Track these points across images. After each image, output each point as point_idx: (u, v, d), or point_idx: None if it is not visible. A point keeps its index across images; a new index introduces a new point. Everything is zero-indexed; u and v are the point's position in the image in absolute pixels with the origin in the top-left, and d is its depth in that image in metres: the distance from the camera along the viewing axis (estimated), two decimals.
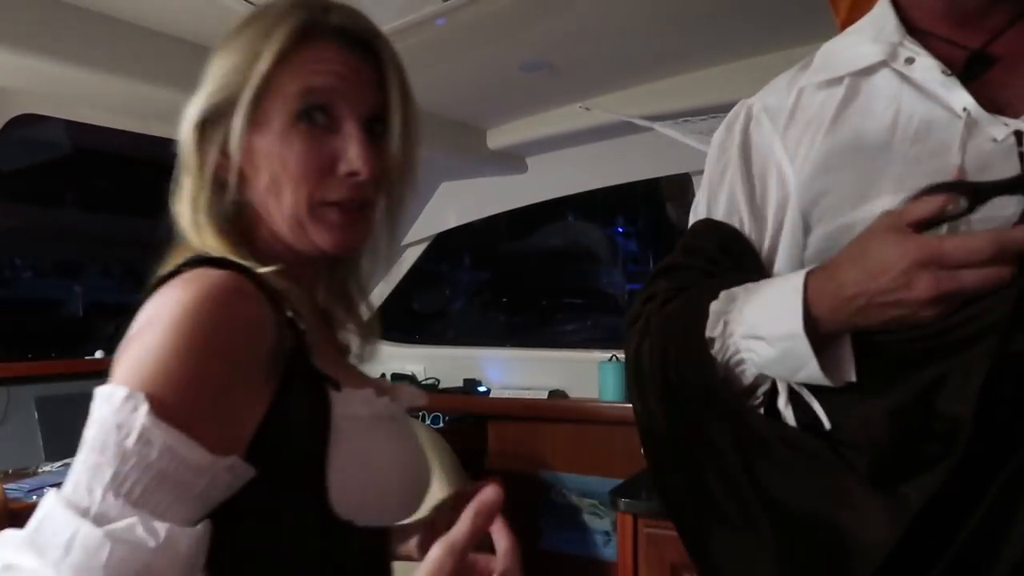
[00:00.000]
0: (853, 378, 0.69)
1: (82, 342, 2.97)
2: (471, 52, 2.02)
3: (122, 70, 1.78)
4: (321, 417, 0.66)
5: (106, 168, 4.37)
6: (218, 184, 0.74)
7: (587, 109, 2.32)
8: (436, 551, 0.53)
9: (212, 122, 0.74)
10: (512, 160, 2.79)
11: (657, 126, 2.13)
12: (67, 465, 2.39)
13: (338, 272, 0.83)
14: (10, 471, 2.24)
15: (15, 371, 2.43)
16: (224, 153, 0.73)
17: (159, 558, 0.55)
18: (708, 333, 0.75)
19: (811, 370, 0.68)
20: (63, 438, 2.42)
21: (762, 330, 0.71)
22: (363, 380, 0.80)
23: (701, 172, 2.91)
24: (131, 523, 0.55)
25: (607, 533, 2.81)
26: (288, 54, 0.70)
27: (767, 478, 0.71)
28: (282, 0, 0.72)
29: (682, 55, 2.12)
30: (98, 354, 2.71)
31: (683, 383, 0.77)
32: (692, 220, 0.93)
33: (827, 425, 0.72)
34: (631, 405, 0.86)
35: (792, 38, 2.00)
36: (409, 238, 3.20)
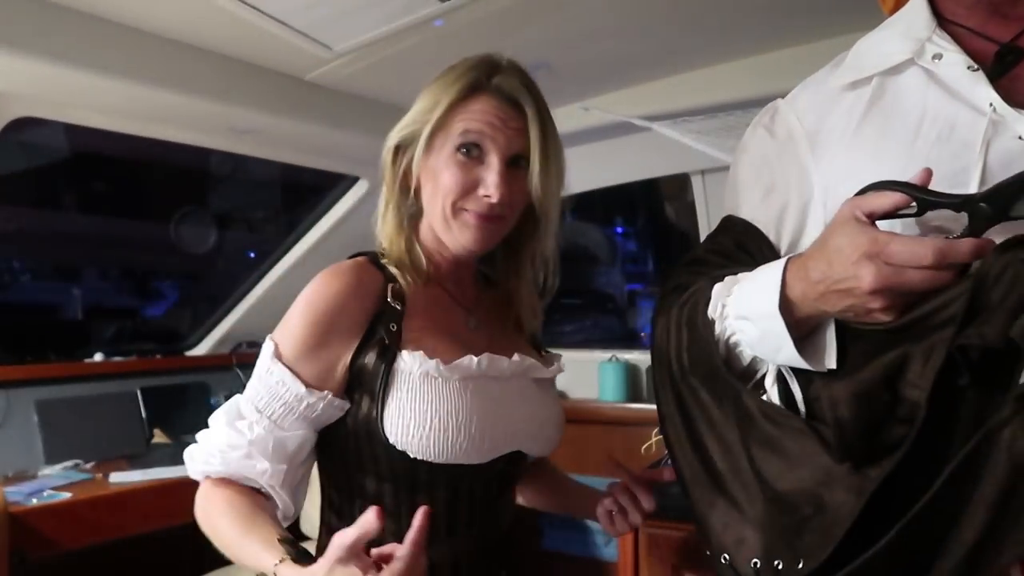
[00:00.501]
0: (833, 365, 0.70)
1: (81, 345, 2.97)
2: (469, 53, 2.01)
3: (120, 73, 1.78)
4: (384, 369, 0.92)
5: (105, 171, 4.37)
6: (404, 192, 1.02)
7: (586, 109, 2.32)
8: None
9: (403, 147, 1.00)
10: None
11: (655, 126, 2.13)
12: (67, 468, 2.41)
13: (511, 273, 1.08)
14: (10, 474, 2.24)
15: (14, 374, 2.43)
16: (408, 170, 1.00)
17: (253, 447, 0.91)
18: (710, 314, 0.78)
19: (789, 352, 0.71)
20: (63, 441, 2.42)
21: (748, 310, 0.74)
22: (474, 346, 0.99)
23: (700, 172, 2.91)
24: (248, 422, 0.92)
25: (607, 533, 2.81)
26: (456, 104, 0.95)
27: (759, 455, 0.73)
28: (468, 59, 0.99)
29: (680, 55, 2.12)
30: (97, 356, 2.70)
31: (693, 364, 0.79)
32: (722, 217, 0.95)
33: (801, 408, 0.75)
34: (654, 388, 0.88)
35: (791, 37, 2.00)
36: None
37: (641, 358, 2.99)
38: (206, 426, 0.97)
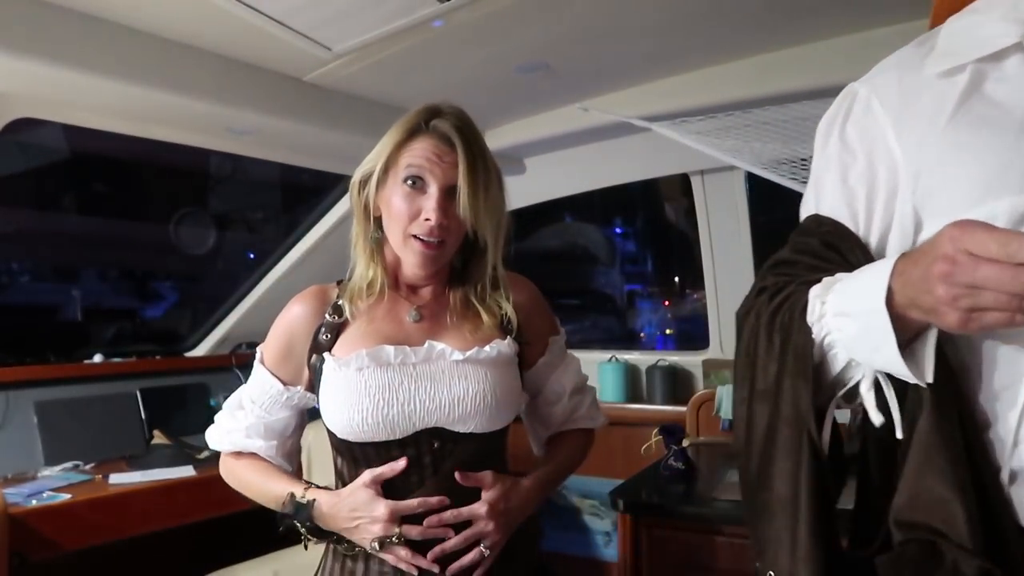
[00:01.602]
0: (930, 379, 0.67)
1: (81, 346, 2.96)
2: (468, 54, 2.02)
3: (119, 74, 1.78)
4: (319, 368, 1.19)
5: (104, 172, 4.36)
6: (368, 220, 1.21)
7: (585, 110, 2.32)
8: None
9: (363, 182, 1.20)
10: (510, 161, 2.79)
11: (655, 126, 2.13)
12: (67, 469, 2.41)
13: (465, 283, 1.25)
14: (10, 475, 2.23)
15: (14, 375, 2.42)
16: (367, 202, 1.19)
17: (250, 430, 1.25)
18: (808, 319, 0.74)
19: (889, 352, 0.66)
20: (62, 442, 2.42)
21: (850, 306, 0.70)
22: (409, 337, 1.19)
23: (699, 172, 2.92)
24: (245, 411, 1.26)
25: (607, 534, 2.81)
26: (401, 144, 1.16)
27: (814, 481, 0.72)
28: (415, 110, 1.18)
29: (679, 56, 2.12)
30: (97, 358, 2.70)
31: (781, 373, 0.76)
32: (803, 215, 0.89)
33: (897, 419, 0.71)
34: (733, 395, 0.85)
35: (790, 38, 2.00)
36: None
37: (640, 358, 3.00)
38: (206, 427, 1.30)
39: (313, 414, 1.27)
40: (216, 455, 2.61)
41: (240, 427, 1.25)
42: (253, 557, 2.32)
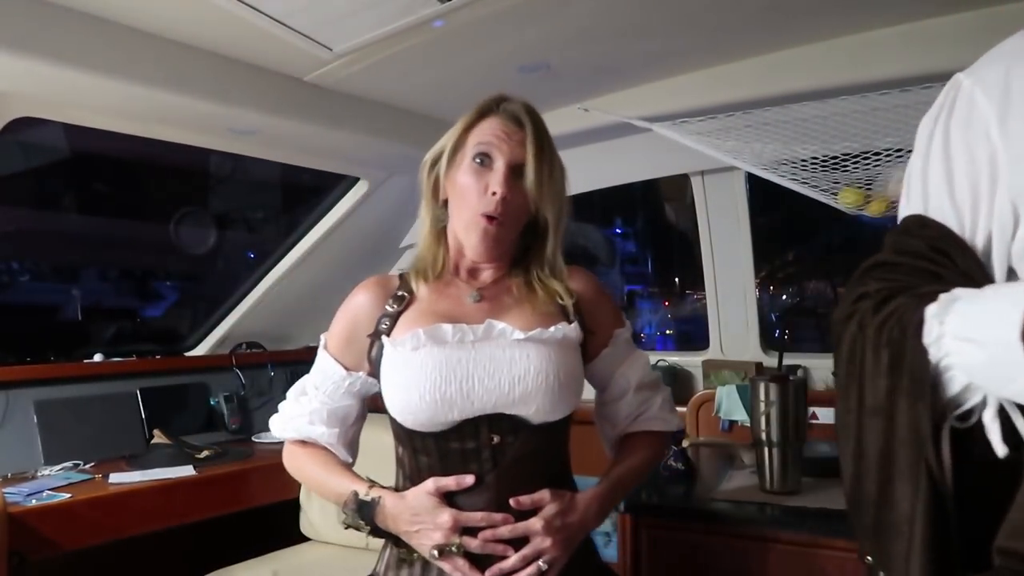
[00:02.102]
0: None
1: (81, 345, 2.96)
2: (469, 54, 2.02)
3: (120, 73, 1.78)
4: (379, 355, 1.19)
5: (104, 172, 4.36)
6: (435, 201, 1.25)
7: (585, 110, 2.32)
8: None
9: (433, 163, 1.24)
10: None
11: (655, 127, 2.13)
12: (67, 468, 2.41)
13: (526, 267, 1.25)
14: (9, 475, 2.23)
15: (14, 375, 2.42)
16: (437, 182, 1.23)
17: (313, 416, 1.25)
18: (925, 339, 0.70)
19: (1021, 385, 0.62)
20: (62, 441, 2.42)
21: (975, 332, 0.66)
22: (468, 317, 1.18)
23: (700, 173, 2.91)
24: (308, 397, 1.26)
25: (607, 534, 2.81)
26: (471, 125, 1.20)
27: (930, 504, 0.70)
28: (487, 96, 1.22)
29: (680, 56, 2.13)
30: (97, 357, 2.70)
31: (893, 390, 0.73)
32: (902, 213, 0.84)
33: None
34: (834, 405, 0.83)
35: (790, 39, 2.01)
36: (408, 240, 3.20)
37: None
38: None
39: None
40: (215, 455, 2.62)
41: (303, 413, 1.25)
42: (252, 557, 2.32)
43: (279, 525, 2.52)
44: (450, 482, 1.11)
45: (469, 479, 1.11)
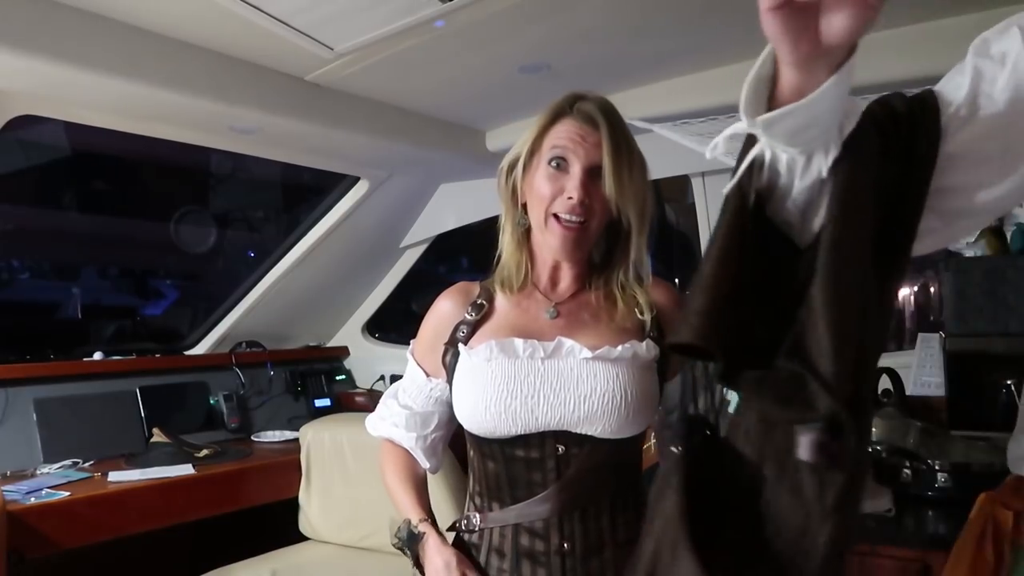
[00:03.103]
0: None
1: (80, 343, 2.97)
2: (470, 54, 2.02)
3: (121, 72, 1.77)
4: (453, 363, 1.22)
5: (105, 170, 4.36)
6: (515, 206, 1.23)
7: None
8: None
9: (511, 168, 1.22)
10: None
11: (656, 128, 2.13)
12: (66, 467, 2.41)
13: (606, 273, 1.24)
14: (8, 473, 2.23)
15: (13, 373, 2.42)
16: (515, 187, 1.22)
17: (397, 419, 1.29)
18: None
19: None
20: (62, 439, 2.42)
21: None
22: (543, 334, 1.19)
23: (700, 174, 2.91)
24: (396, 401, 1.31)
25: None
26: (546, 128, 1.18)
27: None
28: (561, 96, 1.20)
29: (682, 57, 2.12)
30: (96, 355, 2.70)
31: None
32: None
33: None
34: None
35: None
36: (407, 240, 3.20)
37: None
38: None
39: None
40: (215, 454, 2.62)
41: (389, 415, 1.31)
42: (251, 556, 2.32)
43: (278, 524, 2.52)
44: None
45: None
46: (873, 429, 1.86)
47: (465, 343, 1.21)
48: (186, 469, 2.32)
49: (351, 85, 2.21)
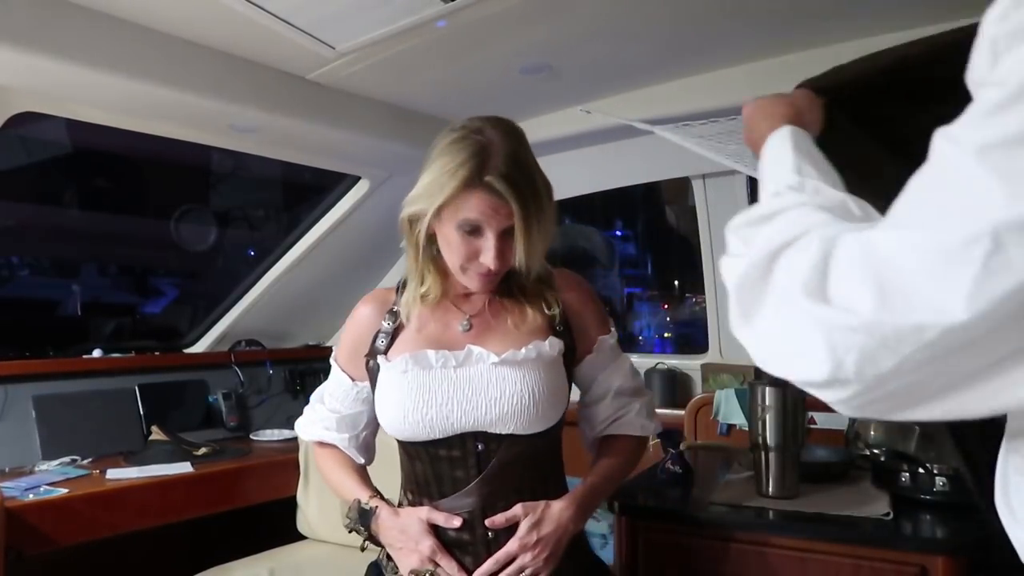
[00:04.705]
0: None
1: (80, 341, 2.96)
2: (471, 54, 2.02)
3: (122, 69, 1.78)
4: (375, 371, 1.28)
5: (105, 167, 4.36)
6: (426, 242, 1.24)
7: (587, 112, 2.32)
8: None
9: (412, 221, 1.22)
10: None
11: (657, 130, 2.13)
12: (64, 464, 2.41)
13: (512, 279, 1.28)
14: (7, 470, 2.23)
15: (12, 369, 2.42)
16: (420, 234, 1.21)
17: (327, 422, 1.35)
18: None
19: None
20: (60, 437, 2.42)
21: None
22: (456, 344, 1.25)
23: (701, 176, 2.91)
24: (323, 406, 1.37)
25: (604, 536, 2.80)
26: (457, 193, 1.14)
27: None
28: (462, 149, 1.17)
29: (682, 58, 2.13)
30: (96, 353, 2.70)
31: None
32: None
33: None
34: None
35: (792, 43, 2.01)
36: None
37: (639, 361, 2.99)
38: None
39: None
40: (213, 452, 2.62)
41: (319, 419, 1.36)
42: (248, 555, 2.31)
43: (276, 523, 2.52)
44: (439, 517, 1.20)
45: (457, 521, 1.19)
46: (872, 433, 1.86)
47: (384, 353, 1.27)
48: (184, 467, 2.32)
49: (352, 84, 2.21)
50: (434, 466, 1.23)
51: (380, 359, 1.27)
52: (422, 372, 1.22)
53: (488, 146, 1.17)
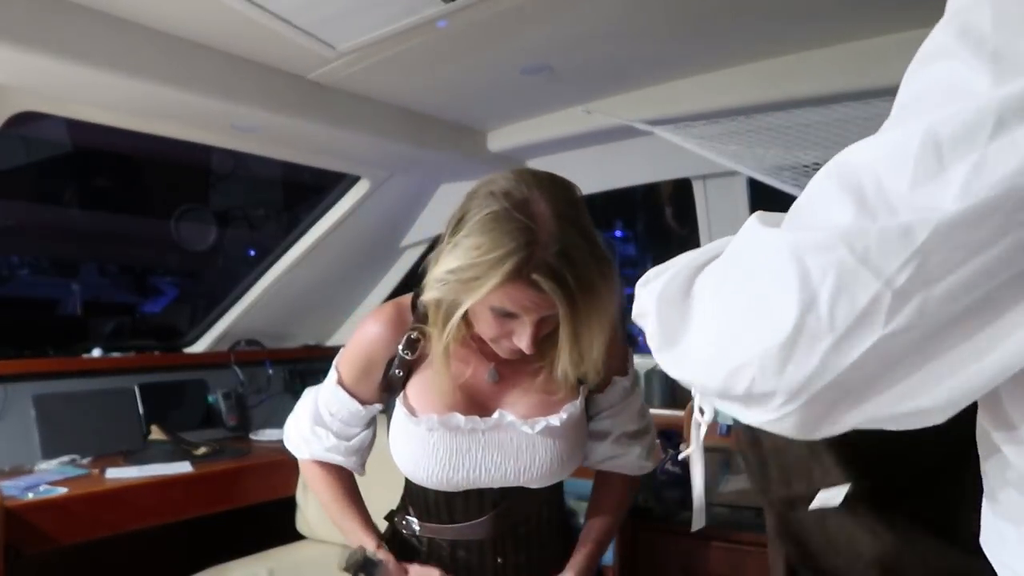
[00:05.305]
0: None
1: (79, 340, 2.96)
2: (472, 54, 2.02)
3: (123, 69, 1.77)
4: (391, 404, 1.22)
5: (106, 167, 4.37)
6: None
7: (588, 112, 2.32)
8: None
9: (439, 304, 1.09)
10: (512, 163, 2.79)
11: (657, 130, 2.13)
12: (64, 463, 2.40)
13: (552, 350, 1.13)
14: (7, 468, 2.23)
15: (12, 368, 2.42)
16: (452, 323, 1.08)
17: (332, 447, 1.26)
18: None
19: None
20: (60, 436, 2.41)
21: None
22: (483, 398, 1.20)
23: (701, 177, 2.91)
24: (326, 430, 1.26)
25: None
26: (497, 286, 0.99)
27: None
28: (506, 235, 0.99)
29: (683, 59, 2.12)
30: (95, 352, 2.70)
31: None
32: None
33: None
34: None
35: (792, 44, 2.01)
36: (407, 240, 3.20)
37: (639, 362, 2.98)
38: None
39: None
40: (212, 452, 2.62)
41: (321, 445, 1.26)
42: (248, 555, 2.32)
43: (275, 523, 2.52)
44: None
45: None
46: None
47: (402, 386, 1.20)
48: (184, 467, 2.32)
49: (353, 84, 2.21)
50: (448, 499, 1.21)
51: (399, 401, 1.20)
52: (449, 434, 1.16)
53: (536, 233, 0.99)
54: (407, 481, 1.26)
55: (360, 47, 1.91)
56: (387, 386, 1.22)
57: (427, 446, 1.16)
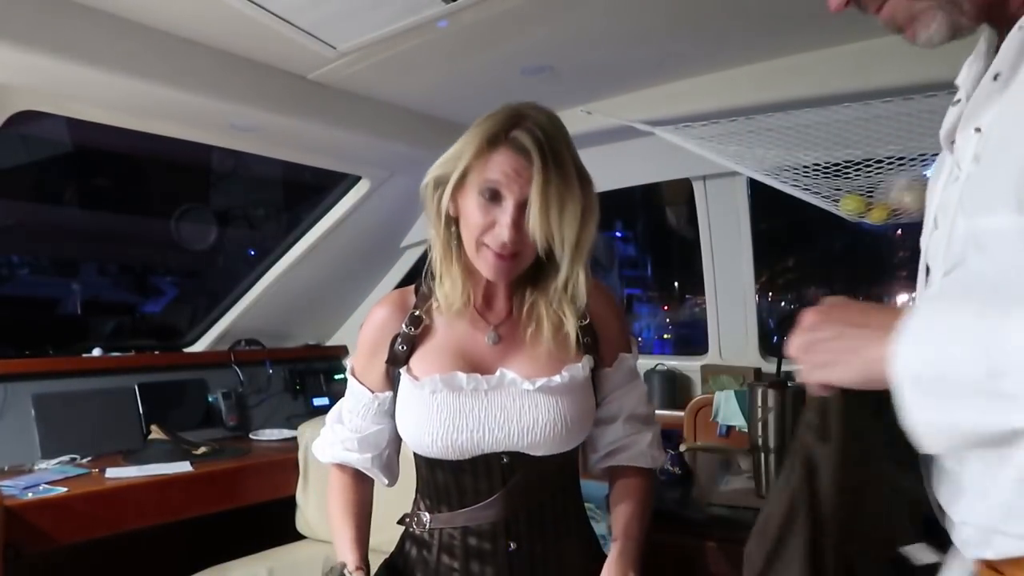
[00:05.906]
0: None
1: (79, 339, 2.96)
2: (473, 55, 2.02)
3: (123, 68, 1.78)
4: (396, 379, 1.24)
5: (106, 166, 4.37)
6: (446, 223, 1.20)
7: (588, 113, 2.32)
8: None
9: (438, 184, 1.18)
10: None
11: (658, 131, 2.13)
12: (63, 462, 2.40)
13: (537, 291, 1.23)
14: (6, 468, 2.23)
15: (12, 368, 2.42)
16: (442, 203, 1.18)
17: (348, 443, 1.29)
18: None
19: None
20: (59, 435, 2.41)
21: None
22: (484, 359, 1.22)
23: (702, 177, 2.91)
24: (343, 425, 1.31)
25: (603, 537, 2.80)
26: (478, 155, 1.13)
27: None
28: (498, 112, 1.16)
29: (683, 60, 2.13)
30: (95, 352, 2.70)
31: None
32: None
33: None
34: None
35: (793, 45, 2.01)
36: (408, 240, 3.20)
37: (640, 362, 2.98)
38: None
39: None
40: (212, 451, 2.62)
41: (338, 440, 1.31)
42: (247, 554, 2.32)
43: (275, 523, 2.52)
44: None
45: None
46: None
47: (406, 361, 1.23)
48: (184, 467, 2.32)
49: (353, 84, 2.21)
50: (456, 477, 1.21)
51: (403, 372, 1.22)
52: (452, 395, 1.18)
53: (521, 111, 1.15)
54: (417, 471, 1.27)
55: (360, 47, 1.91)
56: (392, 360, 1.23)
57: (431, 408, 1.17)
